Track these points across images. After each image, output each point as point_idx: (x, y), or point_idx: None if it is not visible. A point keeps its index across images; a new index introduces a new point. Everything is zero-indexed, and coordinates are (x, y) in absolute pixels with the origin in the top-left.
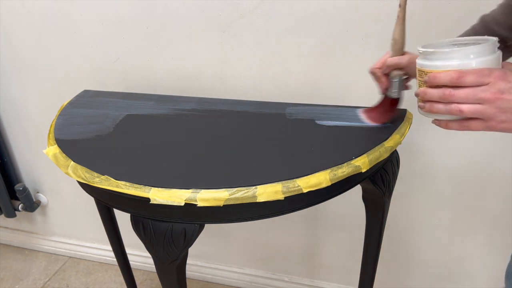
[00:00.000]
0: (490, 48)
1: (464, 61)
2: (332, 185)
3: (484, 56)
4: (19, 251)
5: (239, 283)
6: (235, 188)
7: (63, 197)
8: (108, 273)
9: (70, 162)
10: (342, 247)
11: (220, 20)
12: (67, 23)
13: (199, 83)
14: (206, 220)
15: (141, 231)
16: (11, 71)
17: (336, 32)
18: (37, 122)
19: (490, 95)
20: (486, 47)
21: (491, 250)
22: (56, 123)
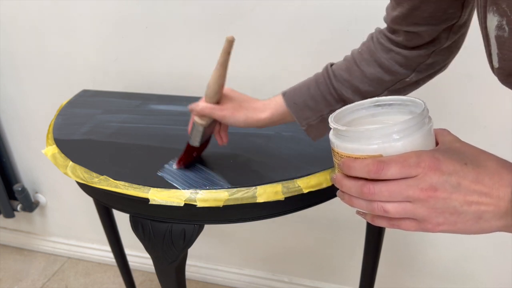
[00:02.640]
0: (419, 120)
1: (386, 144)
2: (332, 185)
3: (412, 133)
4: (18, 252)
5: (238, 283)
6: (235, 189)
7: (62, 197)
8: (107, 274)
9: (69, 162)
10: (342, 247)
11: (220, 20)
12: (66, 22)
13: (199, 83)
14: (206, 220)
15: (140, 231)
16: (10, 70)
17: (336, 32)
18: (36, 121)
19: (419, 192)
20: (413, 122)
21: (492, 250)
22: (55, 123)
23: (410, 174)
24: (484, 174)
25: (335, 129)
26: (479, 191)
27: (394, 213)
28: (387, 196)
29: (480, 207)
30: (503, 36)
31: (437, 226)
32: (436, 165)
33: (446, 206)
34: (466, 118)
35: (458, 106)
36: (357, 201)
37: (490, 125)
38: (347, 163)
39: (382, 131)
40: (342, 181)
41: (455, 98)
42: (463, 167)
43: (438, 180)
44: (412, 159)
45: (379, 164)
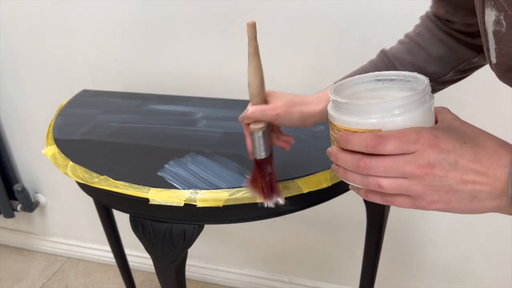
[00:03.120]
0: (420, 97)
1: (385, 118)
2: (332, 185)
3: (412, 109)
4: (18, 252)
5: (238, 284)
6: (235, 189)
7: (62, 197)
8: (107, 274)
9: (69, 162)
10: (342, 247)
11: (220, 19)
12: (66, 22)
13: (199, 83)
14: (206, 220)
15: (140, 231)
16: (10, 70)
17: (336, 32)
18: (36, 121)
19: (416, 169)
20: (414, 98)
21: (493, 250)
22: (55, 123)
23: (408, 150)
24: (483, 153)
25: (334, 101)
26: (476, 170)
27: (389, 188)
28: (383, 171)
29: (476, 187)
30: (500, 31)
31: (431, 204)
32: (435, 142)
33: (442, 184)
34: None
35: (458, 106)
36: (352, 175)
37: (490, 125)
38: (344, 136)
39: (382, 106)
40: (338, 154)
41: (455, 98)
42: (461, 145)
43: (436, 158)
44: (411, 135)
45: (378, 138)
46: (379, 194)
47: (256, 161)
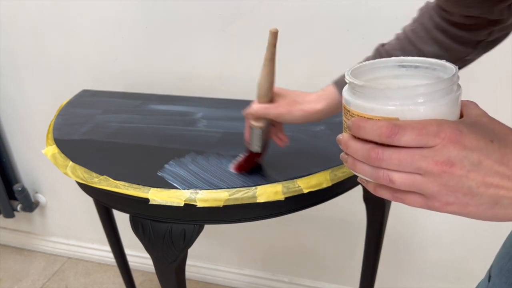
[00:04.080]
0: (447, 85)
1: (405, 106)
2: (332, 185)
3: (436, 99)
4: (18, 252)
5: (238, 284)
6: (235, 189)
7: (62, 197)
8: (107, 274)
9: (69, 162)
10: (342, 247)
11: (220, 19)
12: (66, 22)
13: (199, 83)
14: (206, 220)
15: (140, 231)
16: (10, 70)
17: (336, 32)
18: (36, 121)
19: (434, 165)
20: (440, 86)
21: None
22: (55, 123)
23: (427, 144)
24: (511, 155)
25: (350, 84)
26: (501, 173)
27: (400, 184)
28: (396, 165)
29: (499, 191)
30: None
31: (446, 206)
32: (458, 137)
33: (461, 185)
34: None
35: None
36: (362, 166)
37: None
38: (357, 122)
39: (403, 92)
40: (348, 142)
41: None
42: (488, 144)
43: (457, 155)
44: (432, 127)
45: (394, 127)
46: (389, 189)
47: (249, 151)
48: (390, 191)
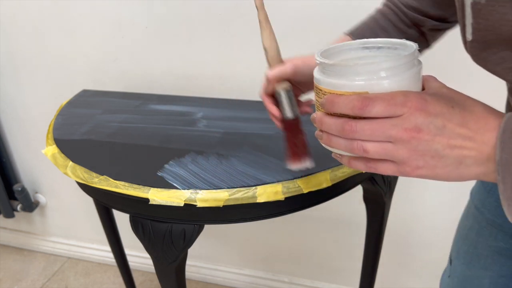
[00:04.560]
0: (408, 60)
1: (372, 81)
2: (332, 185)
3: (400, 73)
4: (18, 252)
5: (238, 284)
6: (235, 189)
7: (62, 197)
8: (107, 274)
9: (69, 162)
10: (342, 247)
11: (220, 19)
12: (66, 22)
13: (199, 83)
14: (206, 220)
15: (140, 231)
16: (10, 70)
17: (336, 32)
18: (36, 121)
19: (403, 132)
20: (401, 61)
21: None
22: (55, 123)
23: (395, 113)
24: (470, 118)
25: (321, 64)
26: (463, 135)
27: (373, 153)
28: (368, 135)
29: (463, 152)
30: (479, 2)
31: (416, 170)
32: (422, 105)
33: (428, 148)
34: None
35: None
36: (337, 140)
37: None
38: (330, 98)
39: (370, 67)
40: (323, 118)
41: None
42: (449, 109)
43: (424, 121)
44: (399, 97)
45: (365, 100)
46: (362, 160)
47: (284, 122)
48: (363, 162)
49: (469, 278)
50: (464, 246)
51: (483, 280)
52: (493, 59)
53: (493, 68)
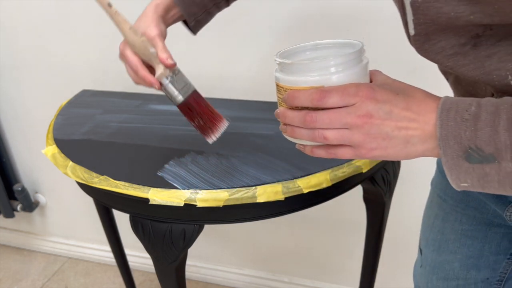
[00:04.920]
0: (356, 57)
1: (326, 76)
2: (332, 185)
3: (349, 67)
4: (18, 252)
5: (238, 284)
6: (235, 189)
7: (62, 197)
8: (107, 274)
9: (69, 162)
10: (342, 247)
11: (220, 20)
12: (66, 22)
13: (199, 83)
14: (206, 220)
15: (140, 231)
16: (10, 70)
17: (336, 32)
18: (36, 121)
19: (356, 119)
20: (350, 57)
21: None
22: (55, 123)
23: (349, 102)
24: (413, 102)
25: (280, 64)
26: (408, 117)
27: (333, 139)
28: (327, 123)
29: (408, 132)
30: (417, 1)
31: (370, 151)
32: (372, 94)
33: (379, 131)
34: None
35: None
36: (300, 131)
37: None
38: (291, 93)
39: (323, 64)
40: (285, 112)
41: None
42: (395, 96)
43: (374, 108)
44: (351, 88)
45: (322, 92)
46: (324, 148)
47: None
48: (325, 149)
49: (440, 264)
50: (432, 234)
51: (453, 263)
52: (434, 49)
53: (435, 57)
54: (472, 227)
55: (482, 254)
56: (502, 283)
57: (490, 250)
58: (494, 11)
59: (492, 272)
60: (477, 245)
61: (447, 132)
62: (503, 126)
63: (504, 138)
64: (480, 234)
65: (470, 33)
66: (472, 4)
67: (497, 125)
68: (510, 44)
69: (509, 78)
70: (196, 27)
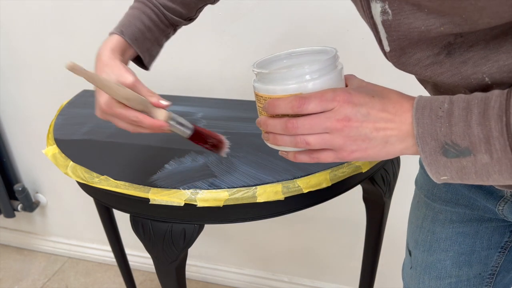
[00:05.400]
0: (330, 63)
1: (304, 83)
2: (332, 185)
3: (326, 74)
4: (18, 252)
5: (238, 283)
6: (235, 189)
7: (62, 197)
8: (107, 274)
9: (69, 162)
10: (342, 247)
11: (220, 20)
12: (66, 22)
13: (199, 83)
14: (206, 220)
15: (140, 231)
16: (10, 70)
17: (336, 32)
18: (37, 122)
19: (336, 123)
20: (325, 63)
21: None
22: (56, 123)
23: (328, 108)
24: (388, 103)
25: (259, 74)
26: (385, 118)
27: (314, 144)
28: (308, 129)
29: (387, 132)
30: (388, 19)
31: (351, 154)
32: (349, 98)
33: (358, 133)
34: None
35: None
36: (282, 138)
37: None
38: (271, 102)
39: (299, 72)
40: (267, 121)
41: None
42: (371, 99)
43: (351, 111)
44: (328, 94)
45: (301, 99)
46: (306, 153)
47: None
48: (307, 154)
49: (432, 263)
50: (422, 235)
51: (445, 262)
52: (410, 62)
53: (412, 69)
54: (463, 224)
55: (474, 250)
56: (494, 276)
57: (482, 246)
58: (462, 20)
59: (484, 267)
60: (468, 241)
61: (424, 130)
62: (476, 120)
63: (477, 132)
64: (471, 231)
65: (443, 42)
66: (440, 16)
67: (470, 120)
68: (482, 48)
69: (486, 80)
70: (150, 62)
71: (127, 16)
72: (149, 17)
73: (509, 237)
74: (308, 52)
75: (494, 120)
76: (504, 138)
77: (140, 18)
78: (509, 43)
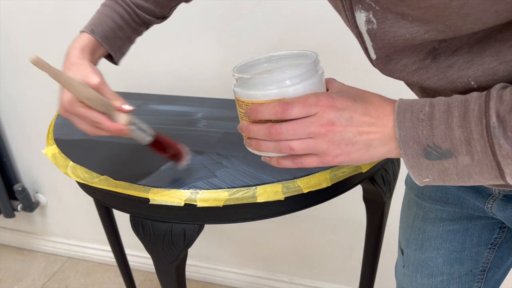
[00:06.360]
0: (311, 68)
1: (286, 88)
2: (332, 185)
3: (308, 78)
4: (18, 252)
5: (238, 283)
6: (235, 189)
7: (62, 197)
8: (107, 274)
9: (69, 162)
10: (342, 247)
11: (220, 20)
12: (67, 22)
13: (199, 83)
14: (206, 220)
15: (140, 231)
16: (10, 70)
17: (336, 32)
18: (36, 121)
19: (319, 127)
20: (307, 68)
21: None
22: (56, 123)
23: (311, 112)
24: (371, 107)
25: (240, 79)
26: (368, 122)
27: (298, 149)
28: (292, 134)
29: (370, 136)
30: (373, 28)
31: (335, 158)
32: (331, 102)
33: (342, 138)
34: None
35: None
36: (265, 143)
37: None
38: (254, 108)
39: (280, 77)
40: (249, 126)
41: None
42: (353, 103)
43: (335, 115)
44: (311, 99)
45: (284, 104)
46: (290, 158)
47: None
48: (291, 159)
49: (424, 261)
50: (413, 233)
51: (436, 260)
52: (397, 68)
53: (399, 75)
54: (453, 222)
55: (464, 248)
56: (485, 273)
57: (472, 243)
58: (446, 27)
59: (475, 264)
60: (459, 239)
61: (406, 133)
62: (456, 123)
63: (458, 134)
64: (461, 228)
65: (428, 47)
66: (424, 23)
67: (451, 123)
68: (466, 52)
69: (472, 84)
70: (121, 58)
71: (98, 14)
72: (121, 15)
73: (498, 233)
74: (288, 56)
75: (474, 122)
76: (484, 139)
77: (111, 17)
78: (493, 46)
